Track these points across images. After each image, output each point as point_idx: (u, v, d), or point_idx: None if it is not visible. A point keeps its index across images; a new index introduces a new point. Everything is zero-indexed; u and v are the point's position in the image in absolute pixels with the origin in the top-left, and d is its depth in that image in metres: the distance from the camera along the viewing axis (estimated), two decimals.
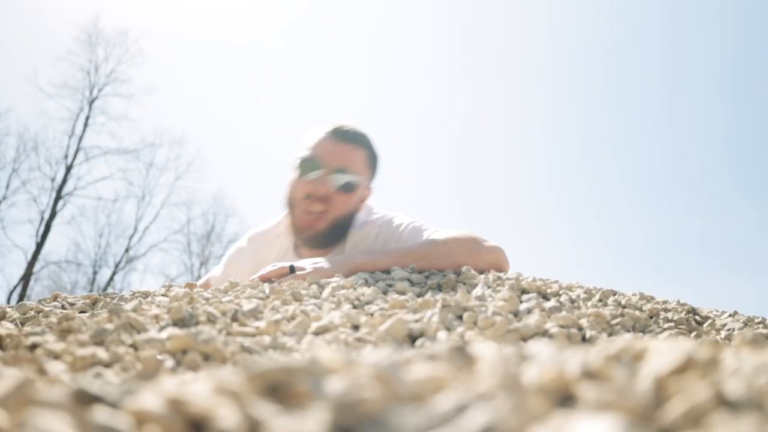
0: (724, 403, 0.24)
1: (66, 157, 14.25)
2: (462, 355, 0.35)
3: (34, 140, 14.21)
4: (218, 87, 23.98)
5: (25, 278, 12.96)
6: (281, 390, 0.29)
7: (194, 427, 0.27)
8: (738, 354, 0.33)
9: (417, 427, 0.24)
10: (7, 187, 13.94)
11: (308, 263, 1.24)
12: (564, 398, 0.28)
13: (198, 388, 0.29)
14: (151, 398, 0.29)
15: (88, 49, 14.98)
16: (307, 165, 1.49)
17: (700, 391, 0.25)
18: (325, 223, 1.47)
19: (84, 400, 0.30)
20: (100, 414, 0.28)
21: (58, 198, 13.94)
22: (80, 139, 14.48)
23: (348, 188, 1.49)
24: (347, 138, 1.52)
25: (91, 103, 14.76)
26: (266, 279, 1.20)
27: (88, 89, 14.81)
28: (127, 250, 15.34)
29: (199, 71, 23.79)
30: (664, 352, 0.32)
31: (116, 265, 15.25)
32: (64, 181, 14.13)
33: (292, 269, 1.21)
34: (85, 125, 14.59)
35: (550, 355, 0.33)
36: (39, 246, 13.26)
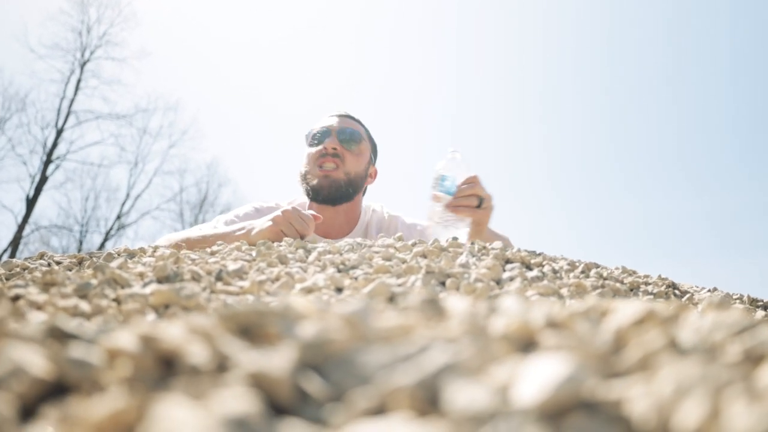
0: (676, 350, 0.25)
1: (57, 120, 14.03)
2: (433, 307, 0.35)
3: (23, 101, 13.96)
4: (214, 53, 23.58)
5: (15, 242, 12.90)
6: (253, 331, 0.30)
7: (165, 363, 0.28)
8: (701, 314, 0.34)
9: (381, 364, 0.25)
10: None
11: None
12: (527, 345, 0.29)
13: (171, 328, 0.30)
14: (124, 336, 0.29)
15: (80, 9, 14.61)
16: (318, 135, 1.65)
17: (655, 339, 0.26)
18: (341, 174, 1.60)
19: (59, 337, 0.31)
20: (75, 349, 0.28)
21: (48, 161, 13.77)
22: (71, 102, 14.22)
23: (355, 140, 1.63)
24: (348, 117, 1.72)
25: (82, 65, 14.45)
26: None
27: (80, 51, 14.49)
28: (118, 217, 15.25)
29: (194, 37, 23.38)
30: (629, 308, 0.33)
31: (107, 232, 15.18)
32: (55, 144, 13.94)
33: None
34: (77, 88, 14.32)
35: (518, 308, 0.33)
36: (29, 210, 13.16)
